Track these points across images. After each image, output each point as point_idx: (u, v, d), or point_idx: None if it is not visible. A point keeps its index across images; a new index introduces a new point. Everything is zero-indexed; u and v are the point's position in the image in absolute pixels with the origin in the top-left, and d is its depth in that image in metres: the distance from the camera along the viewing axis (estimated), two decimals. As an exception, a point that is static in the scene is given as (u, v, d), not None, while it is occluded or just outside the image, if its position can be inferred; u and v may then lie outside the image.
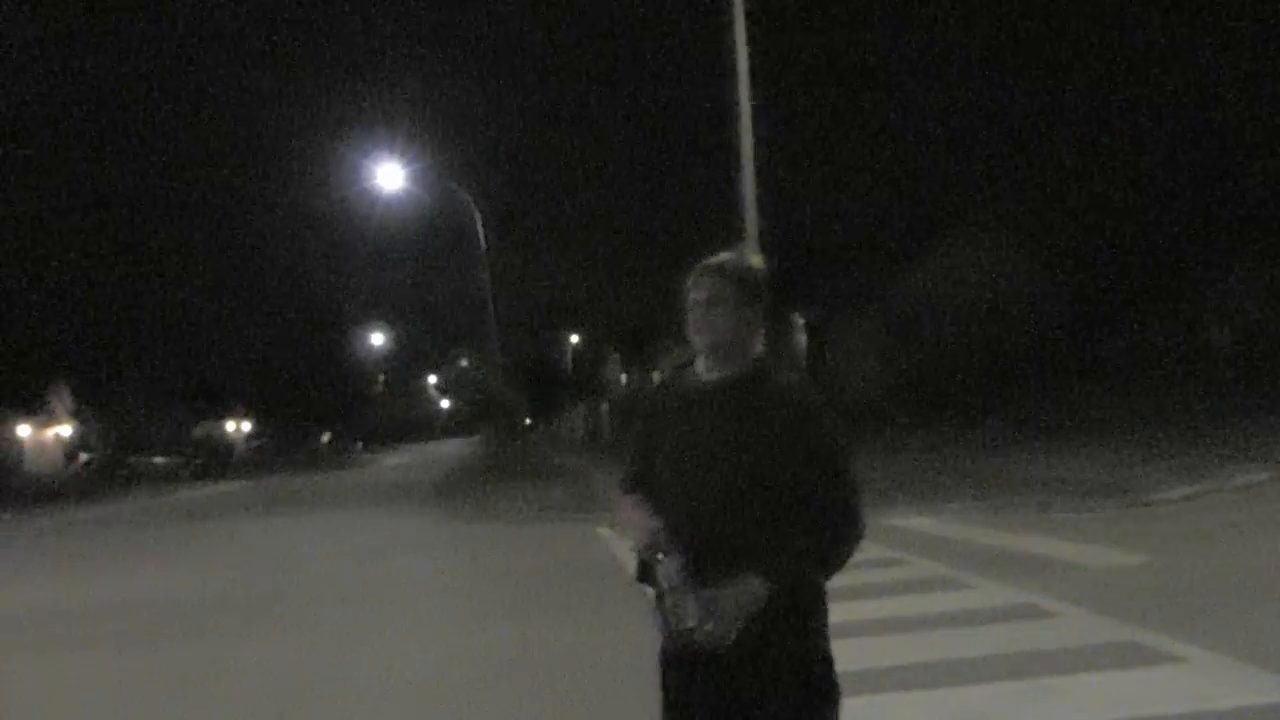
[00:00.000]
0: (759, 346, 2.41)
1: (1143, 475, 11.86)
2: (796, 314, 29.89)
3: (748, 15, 11.94)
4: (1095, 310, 25.49)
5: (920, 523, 10.14)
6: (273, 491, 28.99)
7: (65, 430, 51.53)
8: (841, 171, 29.92)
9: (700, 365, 2.42)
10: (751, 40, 11.94)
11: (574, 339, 64.27)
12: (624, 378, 55.45)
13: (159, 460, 50.27)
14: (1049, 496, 11.29)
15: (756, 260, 2.46)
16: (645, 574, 2.30)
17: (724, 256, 2.42)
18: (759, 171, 11.95)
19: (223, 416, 65.65)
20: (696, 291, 2.38)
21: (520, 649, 6.24)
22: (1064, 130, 31.41)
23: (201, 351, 58.42)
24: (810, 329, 30.02)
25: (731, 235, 11.83)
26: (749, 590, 2.16)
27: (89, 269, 53.58)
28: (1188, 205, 25.79)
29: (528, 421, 31.20)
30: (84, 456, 50.86)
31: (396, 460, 48.14)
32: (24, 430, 47.48)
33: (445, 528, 14.62)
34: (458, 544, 12.67)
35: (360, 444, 75.96)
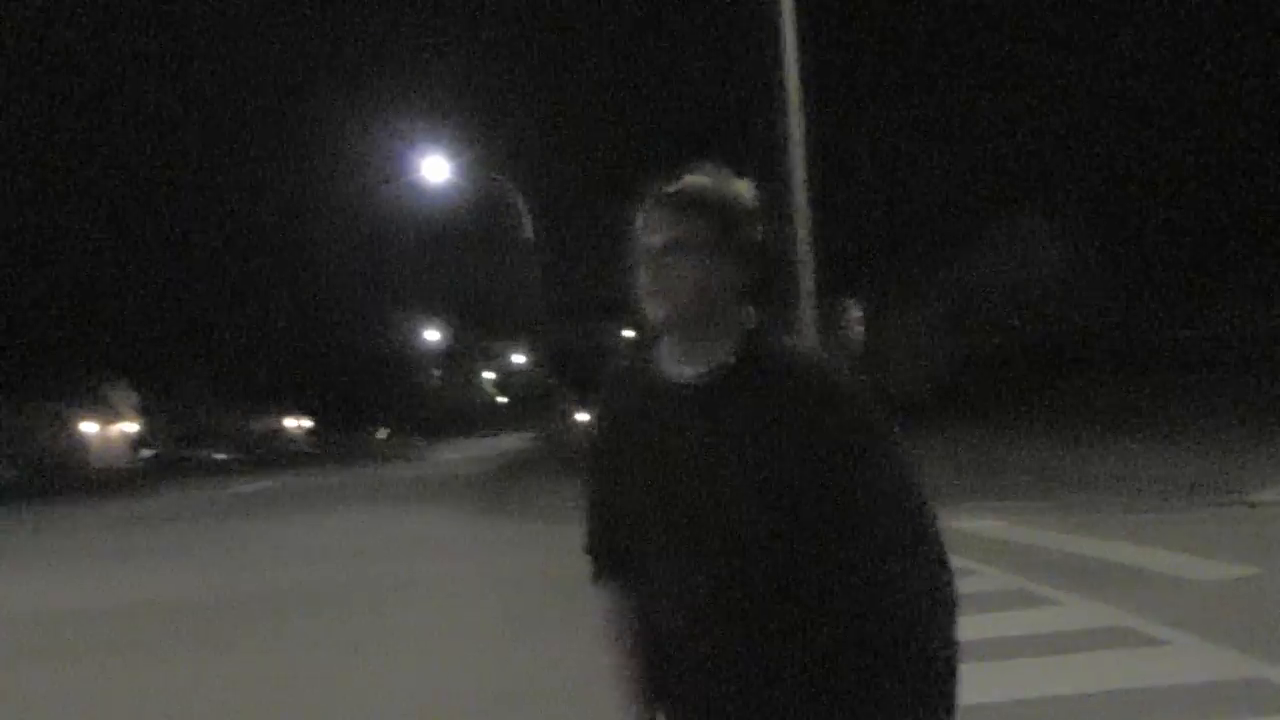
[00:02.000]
0: (749, 316, 1.48)
1: (1238, 472, 10.74)
2: (853, 302, 28.80)
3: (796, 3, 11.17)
4: (1153, 297, 24.22)
5: (987, 525, 9.11)
6: (320, 486, 28.84)
7: (130, 427, 52.85)
8: (895, 155, 28.79)
9: (665, 353, 1.50)
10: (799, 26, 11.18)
11: (627, 333, 63.64)
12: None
13: (219, 456, 51.44)
14: (1129, 496, 10.25)
15: (742, 185, 1.48)
16: None
17: (691, 180, 1.46)
18: (808, 154, 11.16)
19: (282, 413, 66.68)
20: (650, 234, 1.44)
21: (529, 675, 5.47)
22: (1117, 116, 29.90)
23: (260, 349, 59.38)
24: (867, 318, 28.95)
25: (779, 220, 11.09)
26: None
27: (146, 268, 54.82)
28: (1241, 191, 24.31)
29: (578, 416, 30.61)
30: (146, 452, 52.06)
31: (450, 455, 48.09)
32: (90, 427, 49.03)
33: (478, 525, 14.02)
34: (486, 544, 12.02)
35: (419, 438, 76.50)
